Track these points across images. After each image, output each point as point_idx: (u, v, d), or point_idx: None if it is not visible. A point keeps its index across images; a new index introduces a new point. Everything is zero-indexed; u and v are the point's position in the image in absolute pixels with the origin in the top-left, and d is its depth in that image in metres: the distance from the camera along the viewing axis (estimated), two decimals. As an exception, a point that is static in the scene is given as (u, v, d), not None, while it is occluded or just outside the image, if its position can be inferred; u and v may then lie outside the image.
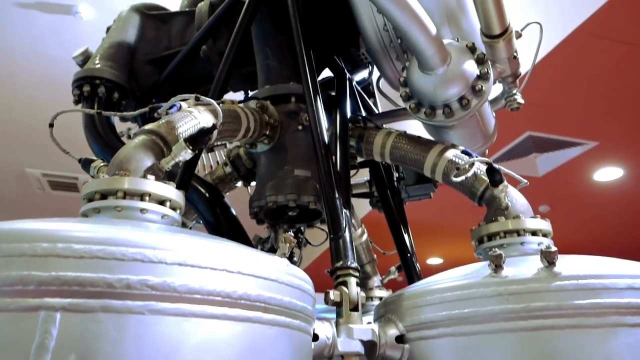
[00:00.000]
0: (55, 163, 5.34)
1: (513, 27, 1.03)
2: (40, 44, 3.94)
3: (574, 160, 4.29)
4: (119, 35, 1.47)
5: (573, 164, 4.34)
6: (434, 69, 0.96)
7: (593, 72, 3.14)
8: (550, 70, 2.97)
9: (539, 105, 3.39)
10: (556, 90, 3.27)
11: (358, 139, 1.21)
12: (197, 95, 0.85)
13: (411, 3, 0.90)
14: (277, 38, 1.29)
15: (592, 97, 3.41)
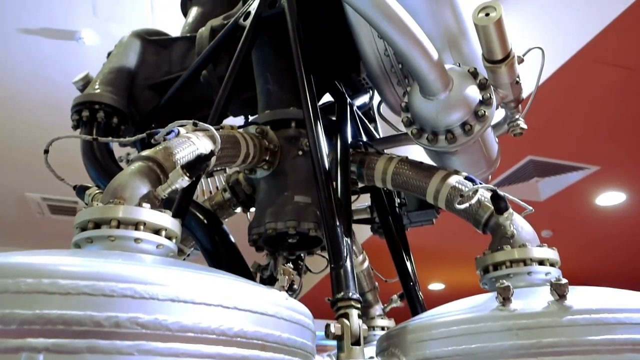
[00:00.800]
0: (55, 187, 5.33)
1: (515, 52, 1.02)
2: (43, 69, 3.97)
3: (575, 184, 4.27)
4: (120, 60, 1.47)
5: (575, 188, 4.32)
6: (436, 94, 0.95)
7: (594, 96, 3.15)
8: (551, 95, 2.97)
9: (540, 130, 3.39)
10: (557, 115, 3.27)
11: (359, 165, 1.19)
12: (195, 122, 0.84)
13: (413, 28, 0.89)
14: (278, 63, 1.28)
15: (593, 121, 3.41)
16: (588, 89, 3.09)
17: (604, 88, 3.07)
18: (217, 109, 1.14)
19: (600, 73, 2.93)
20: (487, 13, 0.92)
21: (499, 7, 0.92)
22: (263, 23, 1.23)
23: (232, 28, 1.28)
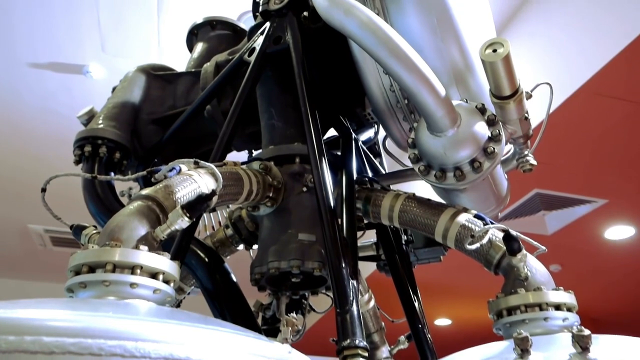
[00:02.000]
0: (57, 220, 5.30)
1: (523, 88, 1.00)
2: (50, 102, 4.02)
3: (583, 218, 4.21)
4: (124, 95, 1.47)
5: (583, 222, 4.26)
6: (443, 130, 0.93)
7: (599, 130, 3.13)
8: (556, 128, 2.96)
9: (546, 163, 3.36)
10: (563, 148, 3.25)
11: (365, 201, 1.16)
12: (196, 160, 0.82)
13: (419, 65, 0.88)
14: (282, 98, 1.27)
15: (600, 154, 3.39)
16: (593, 123, 3.08)
17: (609, 121, 3.06)
18: (220, 145, 1.12)
19: (606, 106, 2.92)
20: (495, 49, 0.91)
21: (506, 43, 0.91)
22: (268, 59, 1.22)
23: (237, 64, 1.28)
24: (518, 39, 3.39)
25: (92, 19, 3.39)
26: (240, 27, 1.71)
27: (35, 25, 3.41)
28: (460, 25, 1.05)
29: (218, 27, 1.68)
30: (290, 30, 1.18)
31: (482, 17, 1.25)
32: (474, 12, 1.17)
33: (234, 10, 3.36)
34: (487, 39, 1.21)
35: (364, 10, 0.91)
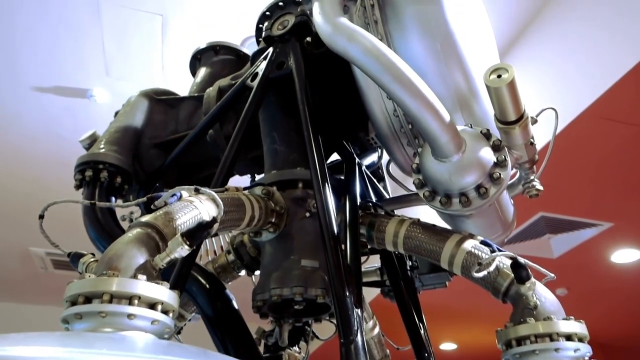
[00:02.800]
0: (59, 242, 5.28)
1: (528, 113, 0.99)
2: (54, 126, 4.04)
3: (589, 241, 4.16)
4: (126, 119, 1.47)
5: (588, 245, 4.21)
6: (448, 156, 0.91)
7: (603, 153, 3.12)
8: (560, 151, 2.95)
9: (551, 186, 3.34)
10: (567, 171, 3.24)
11: (369, 227, 1.14)
12: (196, 187, 0.80)
13: (423, 91, 0.87)
14: (285, 122, 1.27)
15: (604, 178, 3.37)
16: (597, 146, 3.07)
17: (613, 145, 3.05)
18: (222, 170, 1.11)
19: (609, 130, 2.92)
20: (499, 75, 0.90)
21: (511, 68, 0.90)
22: (271, 84, 1.22)
23: (240, 89, 1.28)
24: (521, 62, 3.41)
25: (96, 43, 3.43)
26: (244, 52, 1.72)
27: (40, 49, 3.46)
28: (464, 50, 1.05)
29: (221, 52, 1.69)
30: (293, 55, 1.19)
31: (485, 42, 1.25)
32: (477, 36, 1.17)
33: (237, 35, 3.41)
34: (490, 63, 1.21)
35: (367, 36, 0.91)
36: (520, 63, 3.45)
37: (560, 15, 3.14)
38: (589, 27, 2.89)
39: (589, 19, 2.90)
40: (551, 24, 3.21)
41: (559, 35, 3.14)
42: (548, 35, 3.24)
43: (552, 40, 3.19)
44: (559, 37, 3.14)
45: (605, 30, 2.75)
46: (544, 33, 3.27)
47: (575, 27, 3.00)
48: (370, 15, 1.08)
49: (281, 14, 1.32)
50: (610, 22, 2.72)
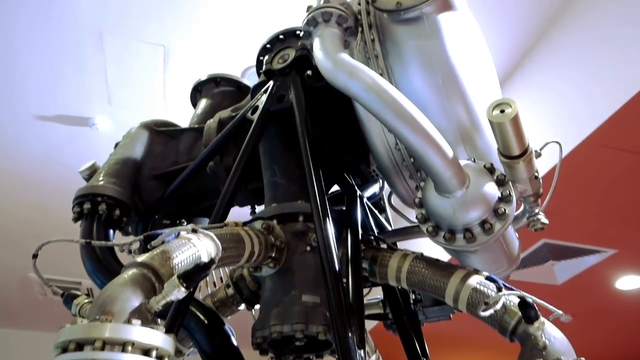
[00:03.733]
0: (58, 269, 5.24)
1: (532, 147, 0.98)
2: (55, 154, 4.05)
3: (593, 268, 4.12)
4: (126, 151, 1.46)
5: (593, 272, 4.16)
6: (452, 191, 0.90)
7: (605, 180, 3.11)
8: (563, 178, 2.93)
9: (554, 213, 3.31)
10: (570, 198, 3.22)
11: (371, 261, 1.12)
12: (194, 228, 0.79)
13: (425, 126, 0.86)
14: (285, 155, 1.26)
15: (607, 205, 3.35)
16: (600, 173, 3.06)
17: (616, 172, 3.04)
18: (222, 204, 1.09)
19: (611, 158, 2.91)
20: (503, 110, 0.89)
21: (514, 104, 0.89)
22: (271, 117, 1.22)
23: (240, 122, 1.27)
24: (522, 89, 3.42)
25: (99, 73, 3.46)
26: (244, 83, 1.72)
27: (43, 78, 3.49)
28: (466, 83, 1.05)
29: (222, 83, 1.70)
30: (293, 89, 1.18)
31: (486, 72, 1.24)
32: (478, 68, 1.16)
33: (238, 65, 3.44)
34: (492, 94, 1.21)
35: (368, 72, 0.90)
36: (521, 90, 3.47)
37: (561, 42, 3.16)
38: (591, 54, 2.91)
39: (590, 46, 2.93)
40: (552, 51, 3.23)
41: (560, 63, 3.16)
42: (548, 63, 3.27)
43: (553, 67, 3.22)
44: (560, 64, 3.16)
45: (607, 57, 2.77)
46: (545, 60, 3.30)
47: (577, 54, 3.02)
48: (371, 49, 1.08)
49: (282, 47, 1.32)
50: (611, 50, 2.74)
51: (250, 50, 3.31)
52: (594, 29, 2.92)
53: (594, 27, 2.92)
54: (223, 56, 3.37)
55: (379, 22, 1.10)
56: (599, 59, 2.84)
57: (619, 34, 2.71)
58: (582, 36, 3.01)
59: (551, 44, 3.26)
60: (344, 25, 1.03)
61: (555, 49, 3.22)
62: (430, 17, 1.02)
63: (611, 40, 2.76)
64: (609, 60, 2.74)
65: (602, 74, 2.78)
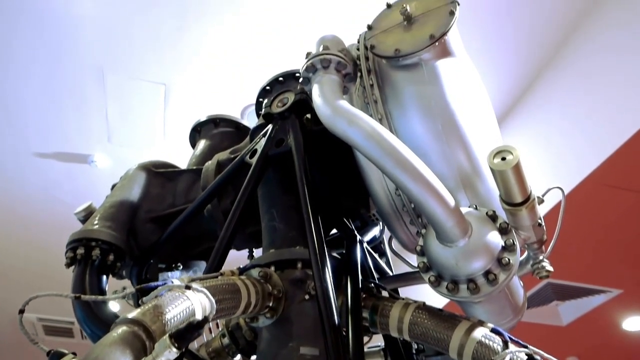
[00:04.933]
0: (51, 308, 5.14)
1: (535, 194, 0.96)
2: (53, 191, 4.03)
3: (599, 308, 4.03)
4: (122, 193, 1.44)
5: (598, 312, 4.07)
6: (454, 241, 0.87)
7: (607, 220, 3.08)
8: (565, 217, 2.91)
9: (556, 252, 3.27)
10: (573, 237, 3.18)
11: (372, 311, 1.08)
12: (187, 285, 0.76)
13: (426, 175, 0.84)
14: (284, 199, 1.23)
15: (611, 244, 3.31)
16: (602, 212, 3.03)
17: (618, 212, 3.01)
18: (217, 252, 1.06)
19: (613, 196, 2.89)
20: (504, 157, 0.88)
21: (515, 151, 0.88)
22: (269, 161, 1.20)
23: (239, 164, 1.26)
24: (521, 126, 3.43)
25: (100, 110, 3.49)
26: (243, 124, 1.72)
27: (43, 115, 3.51)
28: (466, 129, 1.04)
29: (221, 124, 1.70)
30: (292, 133, 1.17)
31: (485, 117, 1.24)
32: (477, 113, 1.16)
33: (238, 104, 3.47)
34: (492, 139, 1.20)
35: (367, 120, 0.89)
36: (520, 127, 3.48)
37: (561, 78, 3.19)
38: (591, 91, 2.92)
39: (590, 83, 2.95)
40: (551, 87, 3.26)
41: (559, 99, 3.18)
42: (548, 99, 3.29)
43: (552, 103, 3.23)
44: (559, 101, 3.18)
45: (607, 96, 2.78)
46: (544, 97, 3.32)
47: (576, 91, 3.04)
48: (370, 94, 1.08)
49: (281, 90, 1.32)
50: (612, 87, 2.75)
51: (250, 88, 3.35)
52: (594, 68, 2.94)
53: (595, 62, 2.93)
54: (223, 94, 3.40)
55: (378, 68, 1.10)
56: (600, 96, 2.84)
57: (620, 74, 2.73)
58: (583, 76, 3.03)
59: (550, 80, 3.29)
60: (342, 72, 1.03)
61: (554, 85, 3.25)
62: (429, 64, 1.02)
63: (612, 77, 2.78)
64: (609, 97, 2.75)
65: (602, 112, 2.79)
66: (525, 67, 3.36)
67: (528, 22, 3.11)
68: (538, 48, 3.22)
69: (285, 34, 3.09)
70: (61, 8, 2.88)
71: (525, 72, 3.39)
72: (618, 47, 2.78)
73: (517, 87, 3.48)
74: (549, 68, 3.31)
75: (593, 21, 2.98)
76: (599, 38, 2.93)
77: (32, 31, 3.00)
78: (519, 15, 3.07)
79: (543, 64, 3.33)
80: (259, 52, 3.19)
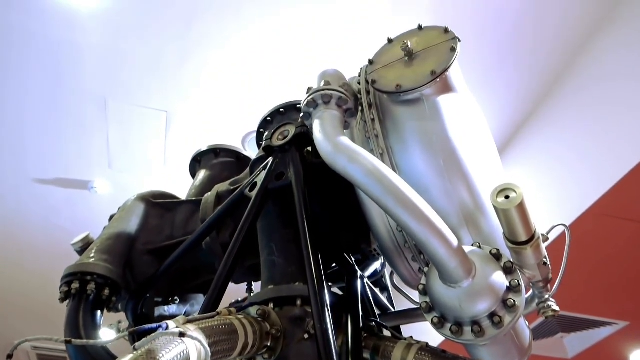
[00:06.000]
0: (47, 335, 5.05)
1: (540, 232, 0.94)
2: (53, 217, 4.01)
3: (605, 340, 3.95)
4: (120, 225, 1.42)
5: (605, 344, 3.99)
6: (457, 282, 0.85)
7: (612, 250, 3.04)
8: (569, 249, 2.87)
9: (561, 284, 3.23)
10: (576, 268, 3.13)
11: (373, 352, 1.05)
12: (181, 332, 0.73)
13: (429, 214, 0.83)
14: (284, 233, 1.21)
15: (615, 275, 3.26)
16: (606, 243, 3.00)
17: (622, 242, 2.98)
18: (214, 291, 1.04)
19: (616, 227, 2.86)
20: (507, 195, 0.86)
21: (518, 189, 0.86)
22: (269, 194, 1.19)
23: (238, 198, 1.24)
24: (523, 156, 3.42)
25: (101, 137, 3.50)
26: (243, 154, 1.71)
27: (44, 142, 3.52)
28: (468, 164, 1.02)
29: (221, 154, 1.69)
30: (292, 166, 1.16)
31: (487, 151, 1.23)
32: (479, 148, 1.15)
33: (239, 131, 3.48)
34: (494, 173, 1.19)
35: (368, 157, 0.88)
36: (522, 157, 3.47)
37: (562, 111, 3.20)
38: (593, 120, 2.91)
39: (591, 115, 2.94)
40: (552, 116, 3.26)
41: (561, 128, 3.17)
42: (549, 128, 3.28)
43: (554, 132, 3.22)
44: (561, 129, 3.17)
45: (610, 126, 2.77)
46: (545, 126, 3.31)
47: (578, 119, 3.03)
48: (371, 129, 1.07)
49: (282, 122, 1.32)
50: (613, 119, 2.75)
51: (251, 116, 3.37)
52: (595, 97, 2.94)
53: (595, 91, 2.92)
54: (224, 121, 3.41)
55: (379, 102, 1.10)
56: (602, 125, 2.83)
57: (621, 105, 2.72)
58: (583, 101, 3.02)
59: (551, 110, 3.29)
60: (343, 107, 1.02)
61: (555, 115, 3.25)
62: (430, 99, 1.02)
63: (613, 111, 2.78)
64: (612, 129, 2.75)
65: (605, 141, 2.78)
66: (526, 97, 3.38)
67: (529, 51, 3.13)
68: (541, 74, 3.23)
69: (287, 63, 3.12)
70: (65, 36, 2.92)
71: (525, 101, 3.40)
72: (618, 77, 2.78)
73: (518, 117, 3.49)
74: (550, 97, 3.31)
75: (593, 50, 3.00)
76: (599, 67, 2.95)
77: (35, 57, 3.03)
78: (519, 44, 3.10)
79: (544, 93, 3.34)
80: (260, 79, 3.22)
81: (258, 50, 3.06)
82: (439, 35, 1.04)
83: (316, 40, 2.97)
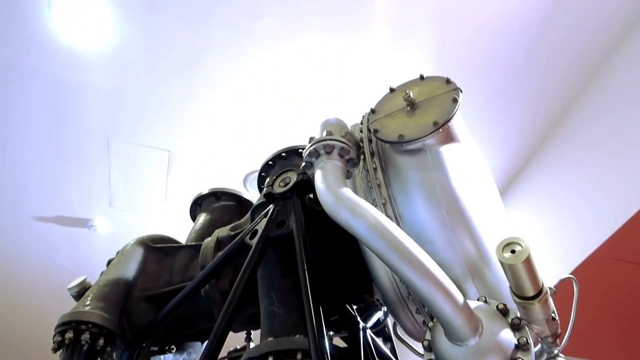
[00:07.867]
0: None
1: (547, 287, 0.91)
2: (52, 255, 3.97)
3: (614, 386, 3.81)
4: (118, 270, 1.40)
5: (614, 390, 3.85)
6: (464, 340, 0.82)
7: (619, 295, 2.98)
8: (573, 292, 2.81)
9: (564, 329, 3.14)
10: (583, 313, 3.05)
11: (376, 409, 1.00)
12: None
13: (433, 271, 0.80)
14: (284, 281, 1.19)
15: (623, 320, 3.18)
16: (612, 288, 2.94)
17: (629, 287, 2.92)
18: (213, 343, 1.01)
19: (622, 271, 2.81)
20: (513, 249, 0.84)
21: (524, 243, 0.84)
22: (270, 242, 1.17)
23: (238, 245, 1.22)
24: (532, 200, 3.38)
25: (103, 176, 3.50)
26: (244, 197, 1.71)
27: (45, 179, 3.52)
28: (472, 215, 1.01)
29: (222, 198, 1.68)
30: (294, 215, 1.15)
31: (491, 199, 1.21)
32: (483, 197, 1.13)
33: (240, 170, 3.48)
34: (499, 222, 1.17)
35: (371, 210, 0.87)
36: (525, 198, 3.45)
37: (564, 153, 3.19)
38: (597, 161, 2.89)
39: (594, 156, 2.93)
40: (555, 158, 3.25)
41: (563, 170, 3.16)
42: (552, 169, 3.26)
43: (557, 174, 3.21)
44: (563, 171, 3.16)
45: (613, 168, 2.76)
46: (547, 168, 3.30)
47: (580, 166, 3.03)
48: (373, 178, 1.06)
49: (283, 169, 1.31)
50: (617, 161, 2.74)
51: (253, 155, 3.38)
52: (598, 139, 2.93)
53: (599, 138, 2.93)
54: (226, 160, 3.42)
55: (382, 151, 1.09)
56: (606, 167, 2.81)
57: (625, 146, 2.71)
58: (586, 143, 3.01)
59: (553, 152, 3.29)
60: (345, 157, 1.02)
61: (557, 157, 3.24)
62: (432, 149, 1.01)
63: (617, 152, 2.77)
64: (615, 171, 2.73)
65: (609, 182, 2.75)
66: (529, 137, 3.39)
67: (532, 92, 3.16)
68: (544, 113, 3.25)
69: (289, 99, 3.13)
70: (69, 76, 2.96)
71: (528, 142, 3.41)
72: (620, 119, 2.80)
73: (521, 157, 3.49)
74: (552, 138, 3.32)
75: (596, 91, 3.02)
76: (602, 108, 2.96)
77: (38, 96, 3.06)
78: (522, 86, 3.13)
79: (545, 134, 3.35)
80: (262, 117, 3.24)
81: (259, 87, 3.09)
82: (441, 86, 1.05)
83: (317, 72, 2.96)
